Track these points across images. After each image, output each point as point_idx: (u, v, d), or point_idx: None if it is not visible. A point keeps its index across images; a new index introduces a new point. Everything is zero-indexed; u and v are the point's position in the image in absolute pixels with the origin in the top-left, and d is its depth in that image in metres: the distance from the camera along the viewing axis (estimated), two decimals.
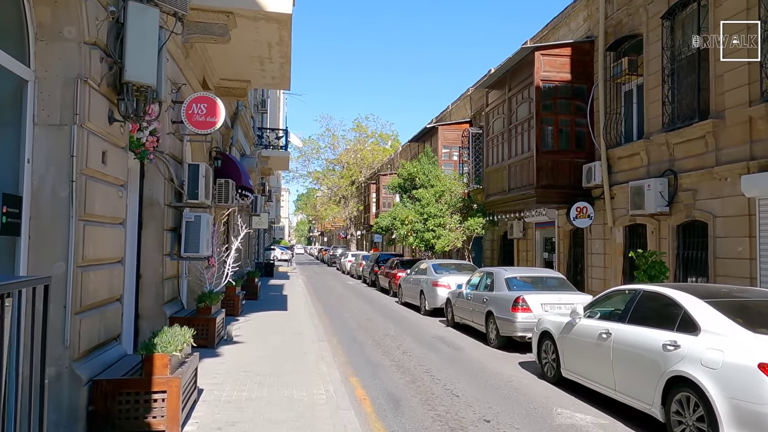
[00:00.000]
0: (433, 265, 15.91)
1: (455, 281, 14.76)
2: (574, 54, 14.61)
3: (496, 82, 17.04)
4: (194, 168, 8.50)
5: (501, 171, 16.67)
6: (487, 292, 10.99)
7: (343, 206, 51.96)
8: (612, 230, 13.52)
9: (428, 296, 15.06)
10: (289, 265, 44.51)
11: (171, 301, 8.75)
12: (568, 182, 14.48)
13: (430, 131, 25.09)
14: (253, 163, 17.85)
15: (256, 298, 16.18)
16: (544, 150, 14.41)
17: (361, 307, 16.97)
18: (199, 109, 8.41)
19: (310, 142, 50.64)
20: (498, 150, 17.08)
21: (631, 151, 12.81)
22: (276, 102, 37.28)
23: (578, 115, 14.61)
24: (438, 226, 18.59)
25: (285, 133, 24.29)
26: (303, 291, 20.65)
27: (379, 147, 50.10)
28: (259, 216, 22.49)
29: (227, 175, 12.48)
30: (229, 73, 12.28)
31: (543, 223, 17.28)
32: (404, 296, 17.63)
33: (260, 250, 33.22)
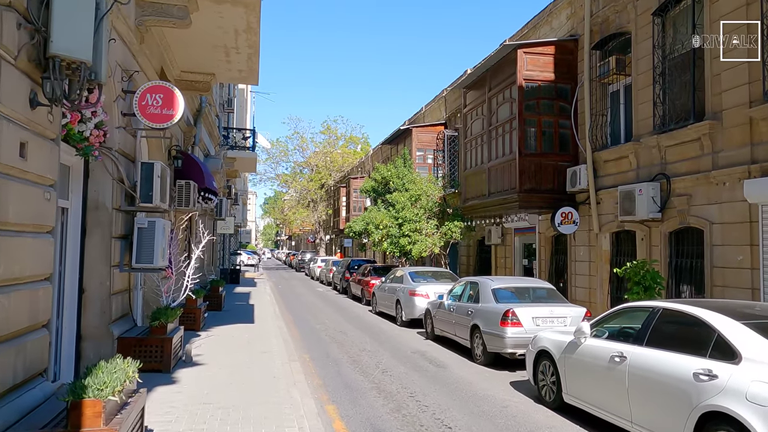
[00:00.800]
0: (409, 272, 15.08)
1: (434, 290, 13.96)
2: (557, 53, 14.01)
3: (476, 81, 16.35)
4: (148, 167, 7.46)
5: (480, 174, 15.97)
6: (472, 304, 10.19)
7: (312, 210, 50.79)
8: (598, 237, 12.92)
9: (405, 306, 14.21)
10: (256, 270, 43.15)
11: (120, 319, 7.67)
12: (552, 186, 13.84)
13: (404, 133, 24.32)
14: (218, 164, 16.73)
15: (220, 309, 15.07)
16: (526, 152, 13.75)
17: (333, 318, 16.01)
18: (154, 101, 7.39)
19: (278, 145, 49.41)
20: (477, 152, 16.38)
21: (619, 154, 12.23)
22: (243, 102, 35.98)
23: (562, 116, 14.00)
24: (414, 231, 17.79)
25: (252, 134, 23.17)
26: (271, 299, 19.56)
27: (349, 150, 49.16)
28: (224, 220, 21.31)
29: (188, 176, 11.42)
30: (191, 65, 11.22)
31: (523, 229, 16.65)
32: (379, 305, 16.75)
33: (225, 255, 31.87)
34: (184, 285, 8.60)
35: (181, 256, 10.49)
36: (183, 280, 8.80)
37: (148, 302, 9.56)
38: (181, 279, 9.00)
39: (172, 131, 11.53)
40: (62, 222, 6.67)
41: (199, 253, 8.98)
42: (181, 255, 10.91)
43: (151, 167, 7.46)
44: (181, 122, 12.50)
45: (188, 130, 13.35)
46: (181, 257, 9.87)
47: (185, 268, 8.94)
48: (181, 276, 9.01)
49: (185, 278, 8.64)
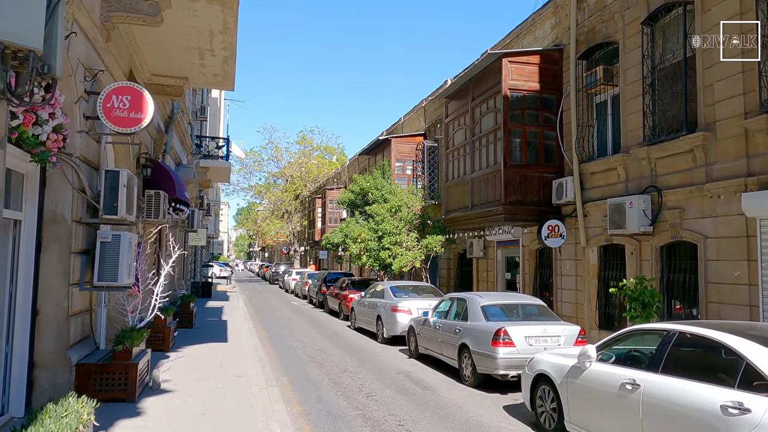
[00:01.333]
0: (390, 287, 14.54)
1: (416, 306, 13.45)
2: (542, 62, 13.74)
3: (458, 91, 16.00)
4: (113, 175, 6.80)
5: (463, 186, 15.57)
6: (460, 322, 9.70)
7: (287, 221, 49.92)
8: (585, 250, 12.59)
9: (387, 323, 13.65)
10: (229, 283, 42.05)
11: (80, 343, 6.95)
12: (538, 198, 13.50)
13: (383, 143, 23.88)
14: (190, 173, 16.00)
15: (191, 327, 14.28)
16: (512, 163, 13.39)
17: (310, 334, 15.35)
18: (120, 103, 6.75)
19: (253, 155, 48.59)
20: (459, 163, 16.00)
21: (607, 166, 11.95)
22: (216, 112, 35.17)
23: (547, 127, 13.71)
24: (394, 244, 17.27)
25: (226, 142, 22.45)
26: (244, 315, 18.79)
27: (325, 160, 48.59)
28: (196, 232, 20.49)
29: (159, 185, 10.72)
30: (162, 68, 10.57)
31: (506, 242, 16.28)
32: (358, 321, 16.15)
33: (197, 268, 30.86)
34: (152, 304, 7.90)
35: (149, 271, 9.78)
36: (151, 298, 8.10)
37: (113, 322, 8.82)
38: (149, 297, 8.30)
39: (141, 138, 10.84)
40: (14, 236, 5.97)
41: (169, 269, 8.31)
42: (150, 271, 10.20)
43: (116, 176, 6.80)
44: (151, 128, 11.81)
45: (159, 137, 12.64)
46: (149, 273, 9.17)
47: (153, 285, 8.23)
48: (149, 294, 8.30)
49: (153, 296, 7.95)
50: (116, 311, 8.46)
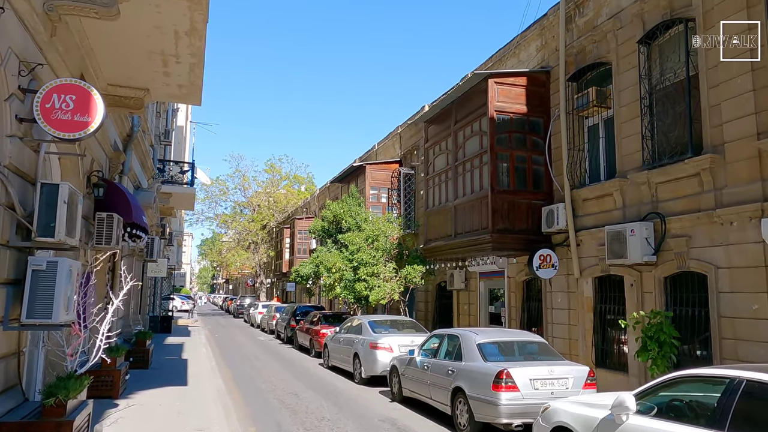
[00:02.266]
0: (369, 322, 13.42)
1: (398, 343, 12.36)
2: (529, 84, 13.14)
3: (440, 114, 15.28)
4: (51, 190, 5.64)
5: (445, 213, 14.71)
6: (453, 362, 8.66)
7: (253, 252, 48.23)
8: (578, 282, 11.78)
9: (365, 361, 12.48)
10: (191, 316, 39.99)
11: (2, 395, 5.65)
12: (526, 226, 12.71)
13: (357, 170, 22.99)
14: (150, 198, 14.71)
15: (146, 367, 12.80)
16: (499, 189, 12.61)
17: (280, 374, 14.02)
18: (63, 103, 5.64)
19: (219, 183, 46.99)
20: (441, 190, 15.17)
21: (602, 192, 11.26)
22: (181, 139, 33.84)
23: (535, 151, 13.03)
24: (371, 275, 16.19)
25: (191, 167, 21.20)
26: (207, 352, 17.30)
27: (294, 190, 47.40)
28: (155, 262, 19.00)
29: (112, 208, 9.50)
30: (120, 76, 9.45)
31: (489, 273, 15.41)
32: (332, 359, 14.90)
33: (156, 301, 29.03)
34: (96, 345, 6.63)
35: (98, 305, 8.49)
36: (97, 338, 6.83)
37: (53, 366, 7.48)
38: (95, 336, 7.02)
39: (94, 154, 9.65)
40: None
41: (119, 304, 7.07)
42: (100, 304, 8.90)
43: (54, 190, 5.64)
44: (106, 145, 10.62)
45: (115, 155, 11.42)
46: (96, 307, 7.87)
47: (99, 323, 6.96)
48: (95, 332, 7.03)
49: (99, 336, 6.68)
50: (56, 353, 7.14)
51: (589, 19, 11.98)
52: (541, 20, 13.51)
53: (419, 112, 20.43)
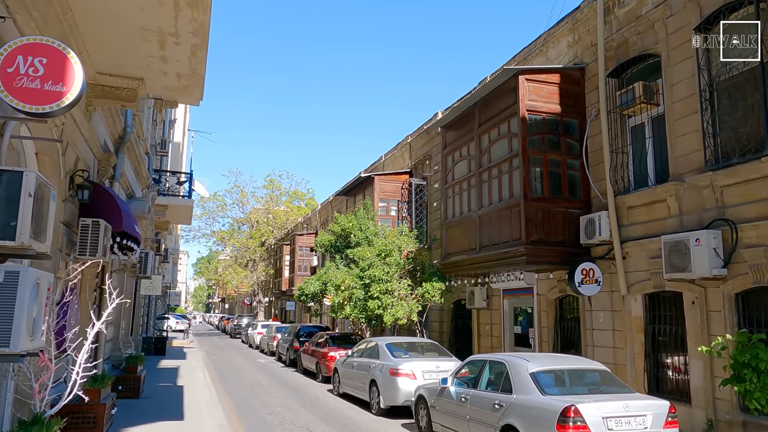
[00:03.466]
0: (387, 344, 12.04)
1: (421, 368, 11.00)
2: (563, 82, 11.98)
3: (460, 117, 14.09)
4: (11, 179, 4.36)
5: (467, 225, 13.44)
6: (500, 395, 7.32)
7: (251, 270, 46.75)
8: (625, 299, 10.49)
9: (384, 389, 11.09)
10: (186, 337, 38.45)
11: None
12: (563, 238, 11.45)
13: (365, 182, 21.75)
14: (144, 208, 13.40)
15: (137, 396, 11.39)
16: (532, 196, 11.37)
17: (287, 403, 12.60)
18: (30, 67, 4.40)
19: (217, 199, 45.65)
20: (462, 199, 13.92)
21: (652, 198, 10.03)
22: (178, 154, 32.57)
23: (570, 155, 11.83)
24: (384, 293, 14.85)
25: (189, 178, 19.92)
26: (205, 377, 15.85)
27: (294, 206, 46.10)
28: (150, 279, 17.62)
29: (100, 214, 8.23)
30: (111, 62, 8.21)
31: (515, 290, 14.10)
32: (343, 385, 13.49)
33: (150, 321, 27.55)
34: (72, 379, 5.27)
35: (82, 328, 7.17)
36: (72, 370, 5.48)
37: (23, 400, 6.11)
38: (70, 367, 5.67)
39: (80, 152, 8.38)
40: None
41: (102, 327, 5.72)
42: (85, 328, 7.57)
43: (16, 179, 4.36)
44: (95, 144, 9.36)
45: (105, 157, 10.15)
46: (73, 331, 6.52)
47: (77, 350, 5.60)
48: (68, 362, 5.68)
49: (75, 367, 5.32)
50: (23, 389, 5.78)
51: (631, 9, 10.87)
52: (573, 14, 12.41)
53: (431, 120, 19.30)
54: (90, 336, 5.57)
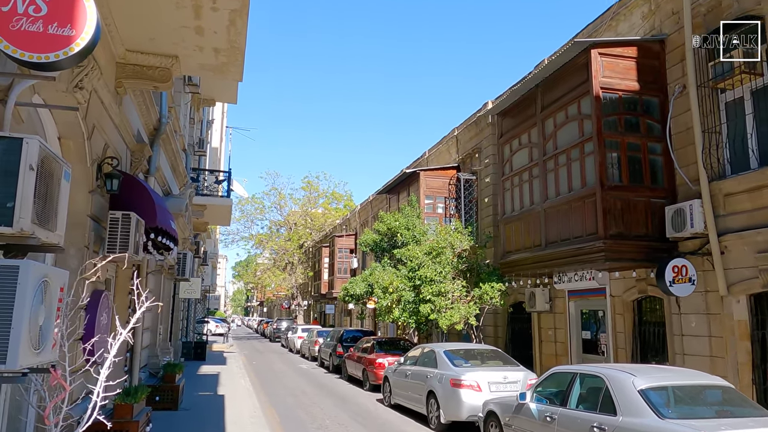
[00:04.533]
0: (445, 352, 10.87)
1: (487, 379, 9.81)
2: (640, 56, 10.64)
3: (519, 102, 12.85)
4: (9, 148, 3.42)
5: (530, 219, 12.19)
6: (600, 416, 6.08)
7: (290, 272, 46.17)
8: (725, 301, 9.08)
9: (445, 402, 9.92)
10: (225, 341, 37.98)
11: None
12: (645, 231, 10.09)
13: (409, 178, 20.64)
14: (181, 205, 12.61)
15: (176, 408, 10.52)
16: (610, 185, 10.06)
17: (336, 417, 11.56)
18: (31, 5, 3.44)
19: (254, 201, 45.30)
20: (523, 191, 12.67)
21: (758, 182, 8.61)
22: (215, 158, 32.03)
23: (650, 137, 10.47)
24: (437, 295, 13.68)
25: (227, 177, 19.17)
26: (246, 385, 14.98)
27: (332, 207, 45.35)
28: (189, 281, 16.90)
29: (131, 206, 7.33)
30: (141, 37, 7.33)
31: (582, 291, 12.76)
32: (395, 396, 12.38)
33: (190, 325, 27.04)
34: (93, 401, 4.31)
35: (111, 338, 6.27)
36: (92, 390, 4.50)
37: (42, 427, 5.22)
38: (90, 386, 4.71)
39: (109, 138, 7.52)
40: None
41: (128, 336, 4.75)
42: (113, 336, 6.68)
43: (14, 148, 3.41)
44: (126, 131, 8.51)
45: (138, 148, 9.32)
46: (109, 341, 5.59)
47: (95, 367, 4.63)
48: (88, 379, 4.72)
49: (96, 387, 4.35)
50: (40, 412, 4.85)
51: None
52: None
53: (480, 110, 18.09)
54: (114, 347, 4.60)
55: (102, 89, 6.76)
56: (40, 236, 3.58)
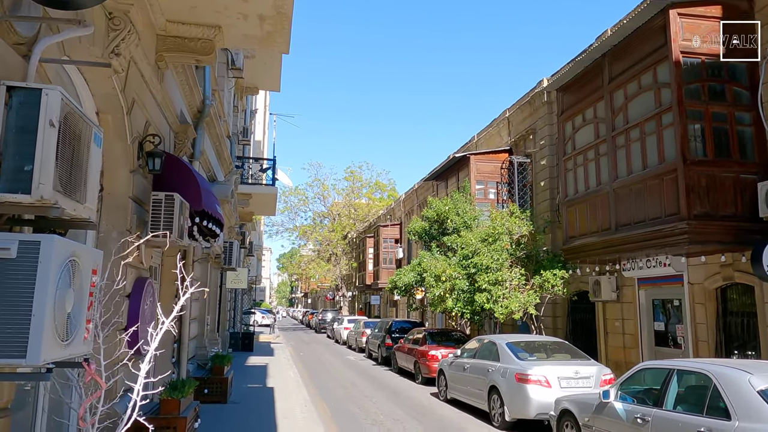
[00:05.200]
0: (507, 344, 10.09)
1: (556, 374, 8.98)
2: (725, 16, 9.53)
3: (583, 74, 11.87)
4: (25, 100, 2.86)
5: (596, 201, 11.24)
6: (708, 420, 5.20)
7: (334, 263, 45.97)
8: None
9: (510, 398, 9.16)
10: (272, 332, 38.04)
11: None
12: (734, 211, 9.05)
13: (458, 163, 19.79)
14: (227, 191, 12.21)
15: (224, 401, 10.13)
16: (693, 159, 9.05)
17: (391, 412, 10.95)
18: None
19: (298, 193, 45.23)
20: (588, 171, 11.72)
21: None
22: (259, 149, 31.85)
23: (738, 106, 9.39)
24: (494, 283, 12.88)
25: (272, 164, 18.76)
26: (295, 377, 14.57)
27: (375, 197, 44.83)
28: (235, 271, 16.60)
29: (174, 188, 6.85)
30: (182, 7, 6.80)
31: (655, 279, 11.74)
32: (451, 390, 11.68)
33: (237, 316, 27.00)
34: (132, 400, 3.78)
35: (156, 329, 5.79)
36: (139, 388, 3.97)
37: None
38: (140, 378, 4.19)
39: (150, 115, 7.05)
40: None
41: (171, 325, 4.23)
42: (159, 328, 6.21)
43: (32, 101, 2.85)
44: (169, 111, 8.05)
45: (182, 129, 8.86)
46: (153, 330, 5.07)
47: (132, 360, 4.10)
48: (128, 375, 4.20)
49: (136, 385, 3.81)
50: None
51: None
52: None
53: (534, 89, 17.09)
54: (156, 338, 4.06)
55: (141, 60, 6.27)
56: (65, 207, 3.03)
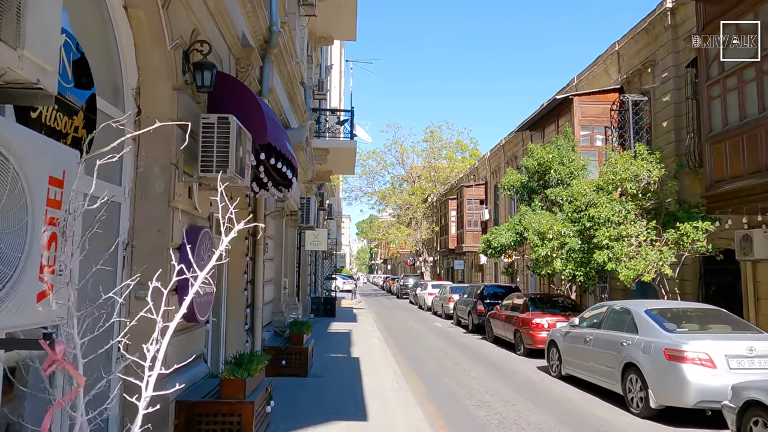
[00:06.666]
0: (647, 311, 8.06)
1: (723, 351, 6.92)
2: None
3: None
4: None
5: (758, 133, 8.83)
6: None
7: (414, 228, 44.46)
8: None
9: (656, 380, 7.20)
10: (353, 297, 37.37)
11: None
12: None
13: (558, 108, 17.40)
14: (301, 137, 10.77)
15: (304, 374, 8.85)
16: None
17: (495, 389, 9.30)
18: None
19: (376, 155, 43.77)
20: (742, 96, 9.27)
21: None
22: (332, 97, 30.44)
23: None
24: (616, 239, 10.75)
25: (350, 116, 17.21)
26: (381, 346, 13.22)
27: (456, 157, 42.56)
28: (314, 230, 15.35)
29: (228, 109, 5.35)
30: None
31: None
32: (566, 365, 9.83)
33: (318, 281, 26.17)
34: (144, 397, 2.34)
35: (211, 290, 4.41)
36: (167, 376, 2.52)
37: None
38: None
39: (199, 20, 5.54)
40: None
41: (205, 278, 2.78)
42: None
43: None
44: (226, 26, 6.55)
45: (245, 54, 7.38)
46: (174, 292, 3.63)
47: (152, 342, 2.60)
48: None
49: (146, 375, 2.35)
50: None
51: None
52: None
53: (653, 13, 14.39)
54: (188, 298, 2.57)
55: None
56: None
